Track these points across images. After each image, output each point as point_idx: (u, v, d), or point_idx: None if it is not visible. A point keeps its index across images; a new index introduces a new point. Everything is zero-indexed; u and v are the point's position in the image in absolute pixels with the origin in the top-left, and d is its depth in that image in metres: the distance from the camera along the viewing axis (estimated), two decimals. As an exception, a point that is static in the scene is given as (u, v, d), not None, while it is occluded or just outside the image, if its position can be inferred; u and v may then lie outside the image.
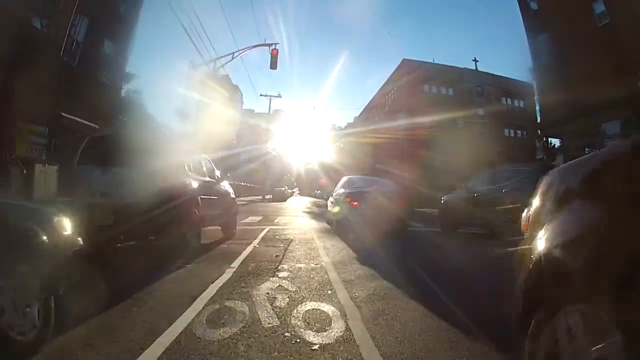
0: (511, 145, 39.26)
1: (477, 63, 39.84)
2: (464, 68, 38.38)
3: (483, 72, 40.42)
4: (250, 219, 11.81)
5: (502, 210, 6.48)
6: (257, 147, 34.06)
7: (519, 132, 42.27)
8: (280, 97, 31.25)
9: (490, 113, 38.39)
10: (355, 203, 8.16)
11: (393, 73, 36.14)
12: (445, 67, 36.60)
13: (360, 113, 48.27)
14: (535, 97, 35.35)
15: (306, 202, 32.71)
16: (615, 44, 14.91)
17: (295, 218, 13.14)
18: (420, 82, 33.66)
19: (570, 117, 17.56)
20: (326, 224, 10.71)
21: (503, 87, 40.47)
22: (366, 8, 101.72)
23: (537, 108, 27.88)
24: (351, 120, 50.47)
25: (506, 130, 40.86)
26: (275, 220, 11.66)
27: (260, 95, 31.00)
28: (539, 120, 28.33)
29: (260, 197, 30.15)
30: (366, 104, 46.78)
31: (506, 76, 41.44)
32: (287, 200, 31.67)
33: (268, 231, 8.75)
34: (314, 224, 11.13)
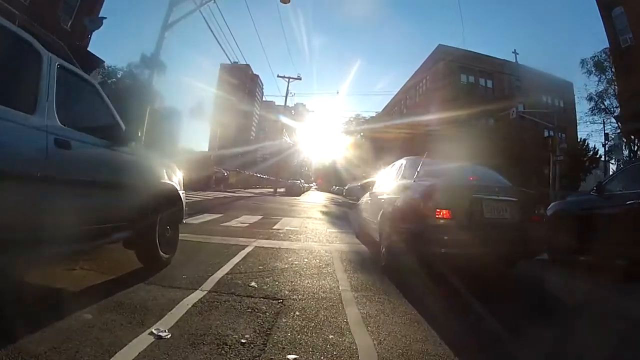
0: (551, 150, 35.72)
1: (517, 56, 36.22)
2: (503, 59, 34.73)
3: (523, 65, 36.69)
4: (243, 218, 8.83)
5: None
6: (276, 140, 31.67)
7: (559, 134, 38.59)
8: (300, 79, 28.42)
9: (530, 111, 34.97)
10: (445, 213, 3.69)
11: (426, 60, 32.69)
12: (483, 56, 33.08)
13: (387, 104, 44.24)
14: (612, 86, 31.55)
15: (323, 198, 29.84)
16: None
17: (307, 222, 9.38)
18: (456, 70, 30.22)
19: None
20: (357, 241, 6.67)
21: (543, 83, 36.87)
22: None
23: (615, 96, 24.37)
24: (378, 111, 46.49)
25: (546, 132, 37.24)
26: (276, 226, 7.91)
27: (278, 76, 28.11)
28: (618, 112, 24.77)
29: (272, 189, 27.52)
30: (394, 94, 43.05)
31: (546, 72, 38.15)
32: (302, 196, 28.96)
33: (249, 255, 4.72)
34: (335, 240, 6.85)
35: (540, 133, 36.42)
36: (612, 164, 40.87)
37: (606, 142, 39.09)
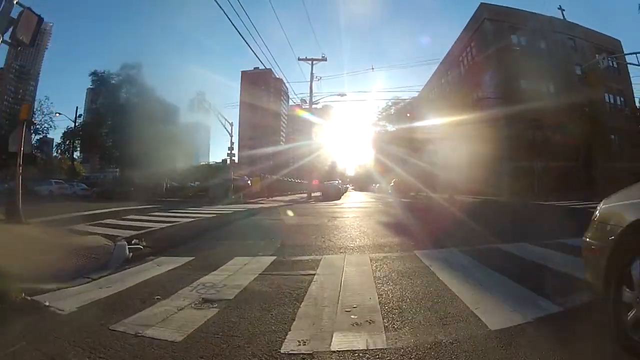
0: (614, 114, 30.81)
1: (564, 12, 31.18)
2: (551, 17, 29.65)
3: (572, 22, 31.69)
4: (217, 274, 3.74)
5: None
6: (305, 142, 27.17)
7: (618, 98, 33.53)
8: (325, 59, 23.70)
9: (589, 73, 30.00)
10: None
11: (469, 23, 27.71)
12: (530, 14, 28.03)
13: (427, 82, 38.13)
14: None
15: (368, 198, 25.04)
16: None
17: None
18: (506, 31, 25.31)
19: None
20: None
21: (595, 41, 31.93)
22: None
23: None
24: (422, 85, 40.29)
25: (606, 96, 32.21)
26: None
27: (299, 59, 23.50)
28: None
29: (305, 194, 22.89)
30: (435, 68, 37.33)
31: (595, 29, 33.17)
32: (342, 198, 24.28)
33: None
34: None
35: (601, 98, 31.65)
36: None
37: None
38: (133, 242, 5.59)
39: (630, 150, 31.16)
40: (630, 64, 17.79)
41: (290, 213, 12.54)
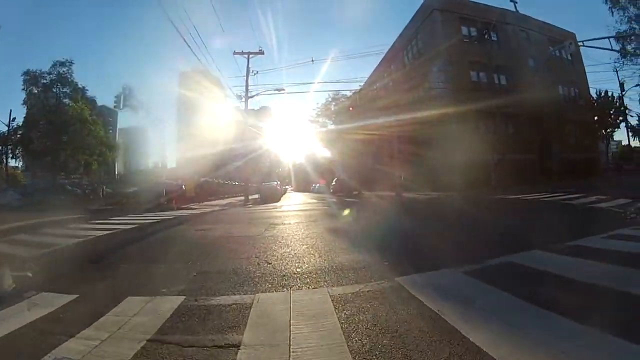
0: (568, 106, 30.62)
1: (516, 5, 30.82)
2: (502, 9, 29.12)
3: (525, 15, 31.36)
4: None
5: None
6: (244, 144, 25.39)
7: (572, 89, 33.52)
8: (263, 53, 21.85)
9: (542, 65, 29.69)
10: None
11: (416, 13, 26.55)
12: (481, 5, 27.30)
13: (369, 77, 35.08)
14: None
15: (309, 199, 23.54)
16: None
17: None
18: (456, 22, 24.37)
19: None
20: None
21: (549, 34, 31.81)
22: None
23: None
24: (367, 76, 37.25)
25: (560, 88, 32.02)
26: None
27: (235, 53, 21.60)
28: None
29: (242, 197, 21.07)
30: (378, 60, 35.51)
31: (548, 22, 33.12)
32: (282, 200, 22.46)
33: None
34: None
35: (555, 91, 31.46)
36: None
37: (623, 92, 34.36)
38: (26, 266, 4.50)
39: (585, 141, 31.18)
40: (598, 48, 16.89)
41: (222, 220, 10.86)
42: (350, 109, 24.29)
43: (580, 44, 15.86)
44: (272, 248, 5.43)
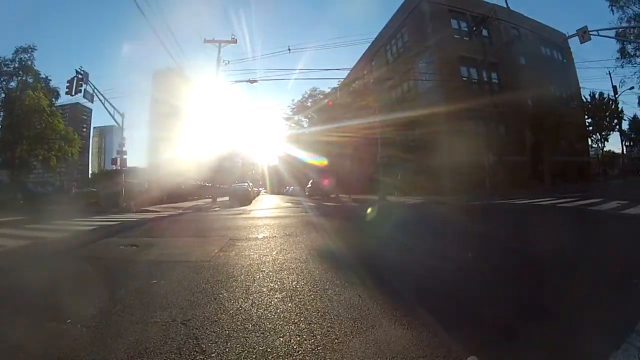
0: (560, 107, 29.55)
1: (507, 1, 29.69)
2: (494, 4, 27.89)
3: (516, 12, 30.27)
4: None
5: None
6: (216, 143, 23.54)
7: (564, 91, 32.59)
8: (236, 42, 19.97)
9: (534, 64, 28.55)
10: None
11: (404, 4, 24.97)
12: (473, -1, 25.98)
13: (354, 66, 32.56)
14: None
15: (283, 202, 21.59)
16: None
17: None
18: (445, 15, 22.91)
19: None
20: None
21: (541, 33, 30.86)
22: None
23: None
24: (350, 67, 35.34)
25: (552, 88, 31.00)
26: None
27: (206, 41, 19.67)
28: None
29: (209, 199, 19.10)
30: (360, 55, 34.20)
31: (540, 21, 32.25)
32: (253, 203, 20.40)
33: None
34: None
35: (548, 91, 30.41)
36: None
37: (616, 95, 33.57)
38: None
39: (577, 145, 30.21)
40: (609, 37, 15.56)
41: (171, 230, 8.88)
42: (330, 103, 22.53)
43: (595, 33, 14.50)
44: (219, 298, 3.03)
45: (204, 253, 5.21)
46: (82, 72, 17.07)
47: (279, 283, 3.46)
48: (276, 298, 3.00)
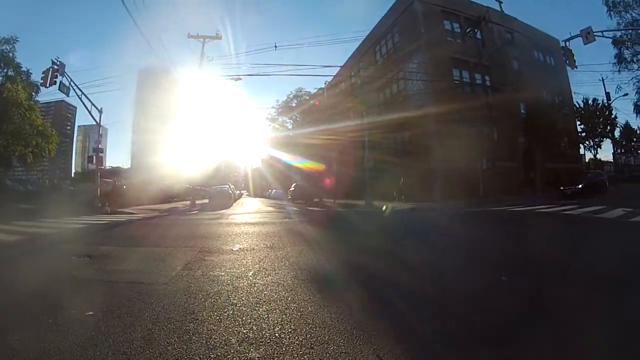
0: (552, 113, 29.22)
1: (502, 5, 29.37)
2: (487, 7, 27.49)
3: (510, 16, 29.97)
4: None
5: None
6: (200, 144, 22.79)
7: (557, 97, 32.33)
8: (220, 38, 19.29)
9: (527, 68, 28.18)
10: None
11: (394, 5, 24.36)
12: (464, 1, 25.52)
13: (343, 66, 30.32)
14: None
15: (265, 206, 20.80)
16: None
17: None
18: (438, 16, 22.38)
19: None
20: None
21: (534, 37, 30.62)
22: None
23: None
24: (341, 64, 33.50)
25: (544, 94, 30.69)
26: None
27: (189, 36, 18.94)
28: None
29: (189, 201, 18.34)
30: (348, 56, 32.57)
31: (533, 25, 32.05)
32: (234, 206, 19.62)
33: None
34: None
35: (540, 95, 30.10)
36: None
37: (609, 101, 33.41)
38: None
39: (568, 151, 29.90)
40: (609, 38, 15.17)
41: (139, 237, 8.10)
42: (317, 103, 21.86)
43: (600, 34, 14.08)
44: (160, 355, 2.10)
45: (164, 271, 4.33)
46: (58, 62, 16.16)
47: (254, 328, 2.48)
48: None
